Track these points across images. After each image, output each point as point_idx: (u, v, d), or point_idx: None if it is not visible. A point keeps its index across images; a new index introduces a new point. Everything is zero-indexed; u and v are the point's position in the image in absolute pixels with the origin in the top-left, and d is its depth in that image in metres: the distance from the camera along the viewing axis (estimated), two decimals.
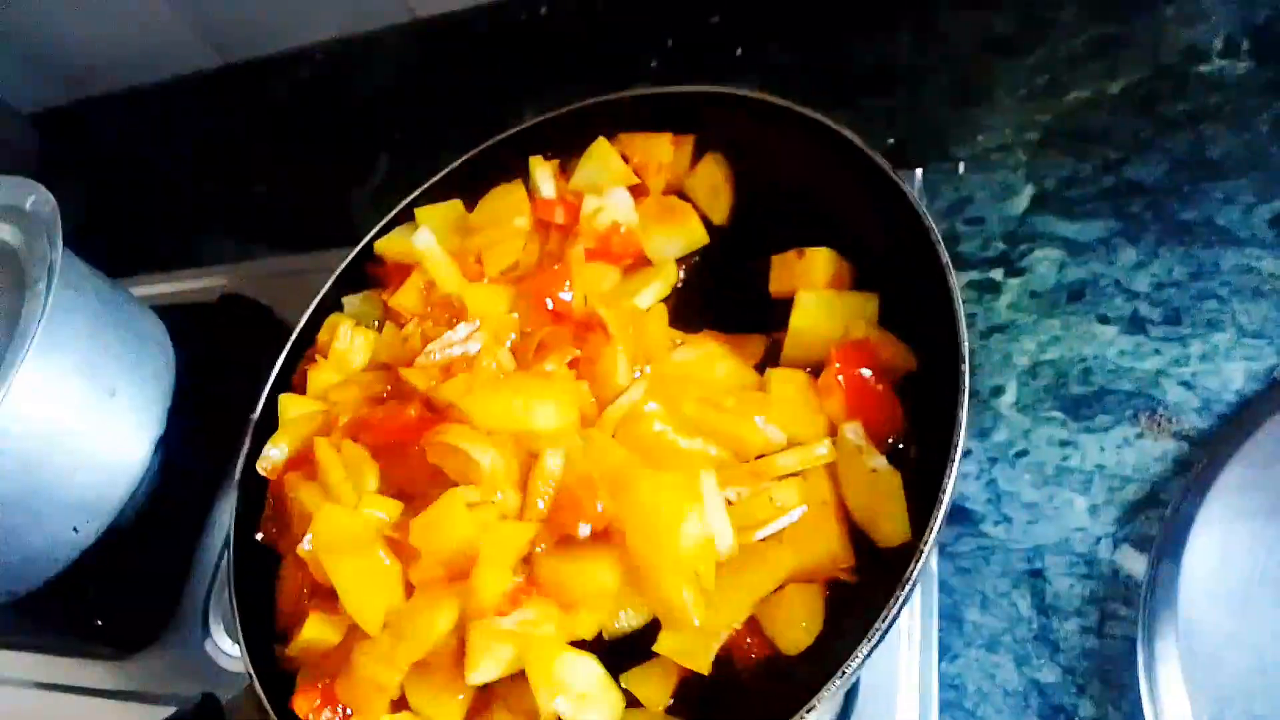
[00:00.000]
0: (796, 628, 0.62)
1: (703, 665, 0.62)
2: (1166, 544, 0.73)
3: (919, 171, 0.89)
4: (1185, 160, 0.88)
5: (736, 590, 0.63)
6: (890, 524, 0.62)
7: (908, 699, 0.71)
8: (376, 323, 0.88)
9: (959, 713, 0.75)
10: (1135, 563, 0.75)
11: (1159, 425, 0.80)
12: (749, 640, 0.63)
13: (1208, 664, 0.67)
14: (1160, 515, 0.76)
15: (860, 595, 0.63)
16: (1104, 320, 0.85)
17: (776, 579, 0.63)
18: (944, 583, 0.80)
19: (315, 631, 0.71)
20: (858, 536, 0.66)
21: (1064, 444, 0.82)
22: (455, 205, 0.87)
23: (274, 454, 0.82)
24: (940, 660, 0.77)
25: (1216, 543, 0.71)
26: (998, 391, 0.86)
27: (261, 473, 0.82)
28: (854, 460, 0.65)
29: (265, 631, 0.78)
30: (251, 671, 0.74)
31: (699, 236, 0.82)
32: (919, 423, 0.67)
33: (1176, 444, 0.79)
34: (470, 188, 0.88)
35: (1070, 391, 0.83)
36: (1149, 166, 0.89)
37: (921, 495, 0.62)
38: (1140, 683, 0.68)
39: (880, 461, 0.64)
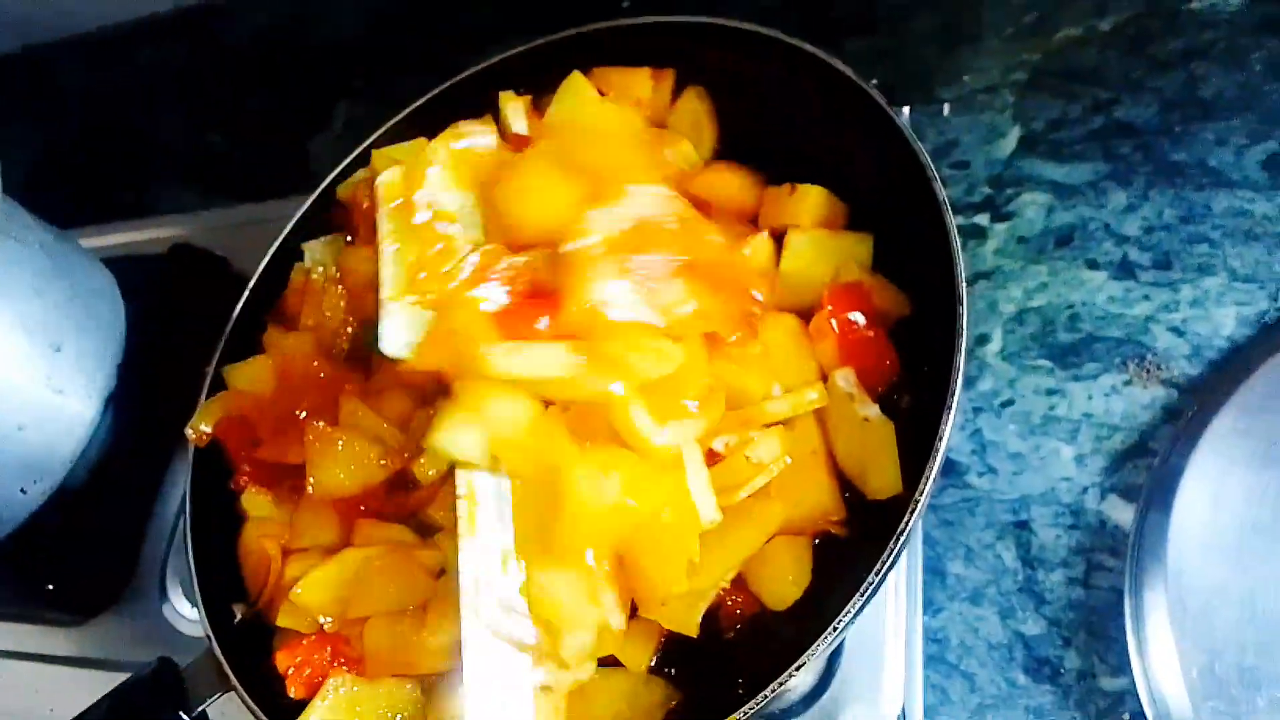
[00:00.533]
0: (784, 583, 0.60)
1: (690, 628, 0.59)
2: (1155, 493, 0.71)
3: (906, 110, 0.86)
4: (1177, 100, 0.86)
5: (724, 550, 0.60)
6: (881, 476, 0.60)
7: (893, 653, 0.69)
8: (337, 270, 0.83)
9: (942, 666, 0.74)
10: (1123, 513, 0.74)
11: (1148, 372, 0.78)
12: (734, 598, 0.61)
13: (1197, 615, 0.66)
14: (1148, 464, 0.74)
15: (847, 549, 0.61)
16: (1093, 265, 0.83)
17: (765, 535, 0.61)
18: (927, 535, 0.78)
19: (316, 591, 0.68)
20: (844, 488, 0.63)
21: (1051, 393, 0.80)
22: (419, 144, 0.83)
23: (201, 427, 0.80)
24: (924, 614, 0.76)
25: (1206, 492, 0.69)
26: (983, 340, 0.83)
27: (190, 437, 0.80)
28: (845, 408, 0.63)
29: (224, 593, 0.75)
30: (210, 634, 0.71)
31: (693, 161, 0.77)
32: (910, 371, 0.64)
33: (1166, 391, 0.77)
34: (436, 127, 0.84)
35: (1057, 339, 0.81)
36: (1139, 107, 0.87)
37: (912, 446, 0.60)
38: (1127, 635, 0.67)
39: (873, 410, 0.62)
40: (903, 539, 0.54)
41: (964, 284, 0.59)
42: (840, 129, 0.71)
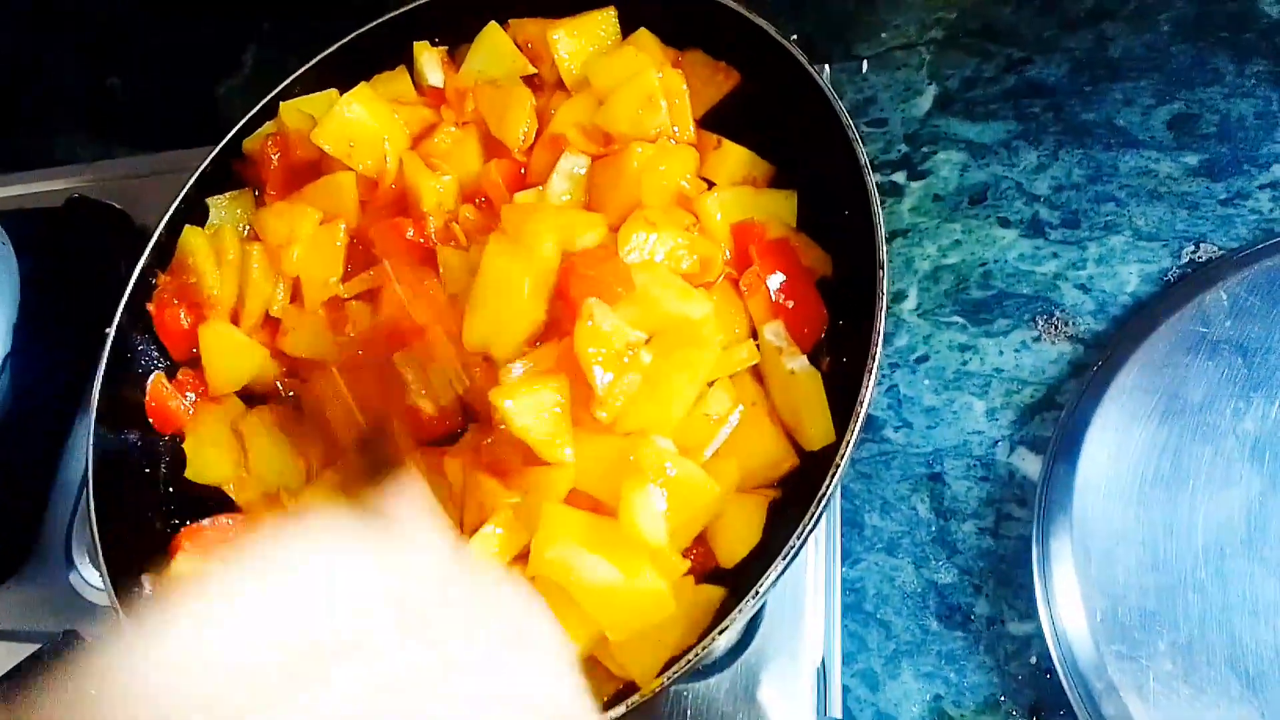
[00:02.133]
0: (738, 541, 0.61)
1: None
2: (1061, 446, 0.73)
3: (827, 68, 0.86)
4: (1087, 60, 0.87)
5: (691, 517, 0.61)
6: (814, 426, 0.61)
7: (813, 606, 0.70)
8: (245, 227, 0.80)
9: (859, 615, 0.76)
10: (1031, 465, 0.76)
11: (1056, 328, 0.80)
12: (695, 550, 0.62)
13: (1101, 562, 0.68)
14: (1056, 417, 0.76)
15: (775, 509, 0.62)
16: (1004, 224, 0.84)
17: (729, 491, 0.62)
18: (846, 488, 0.80)
19: None
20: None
21: (963, 348, 0.82)
22: (329, 96, 0.80)
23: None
24: (842, 565, 0.77)
25: (1110, 444, 0.72)
26: (899, 297, 0.85)
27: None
28: (775, 361, 0.64)
29: (132, 562, 0.72)
30: (116, 605, 0.69)
31: None
32: (830, 328, 0.65)
33: (1072, 347, 0.79)
34: (347, 77, 0.81)
35: (970, 296, 0.83)
36: (1051, 67, 0.88)
37: (833, 405, 0.61)
38: (1035, 582, 0.70)
39: (800, 362, 0.63)
40: (823, 504, 0.54)
41: (884, 250, 0.59)
42: (761, 86, 0.71)
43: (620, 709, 0.53)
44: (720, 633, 0.53)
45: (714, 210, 0.67)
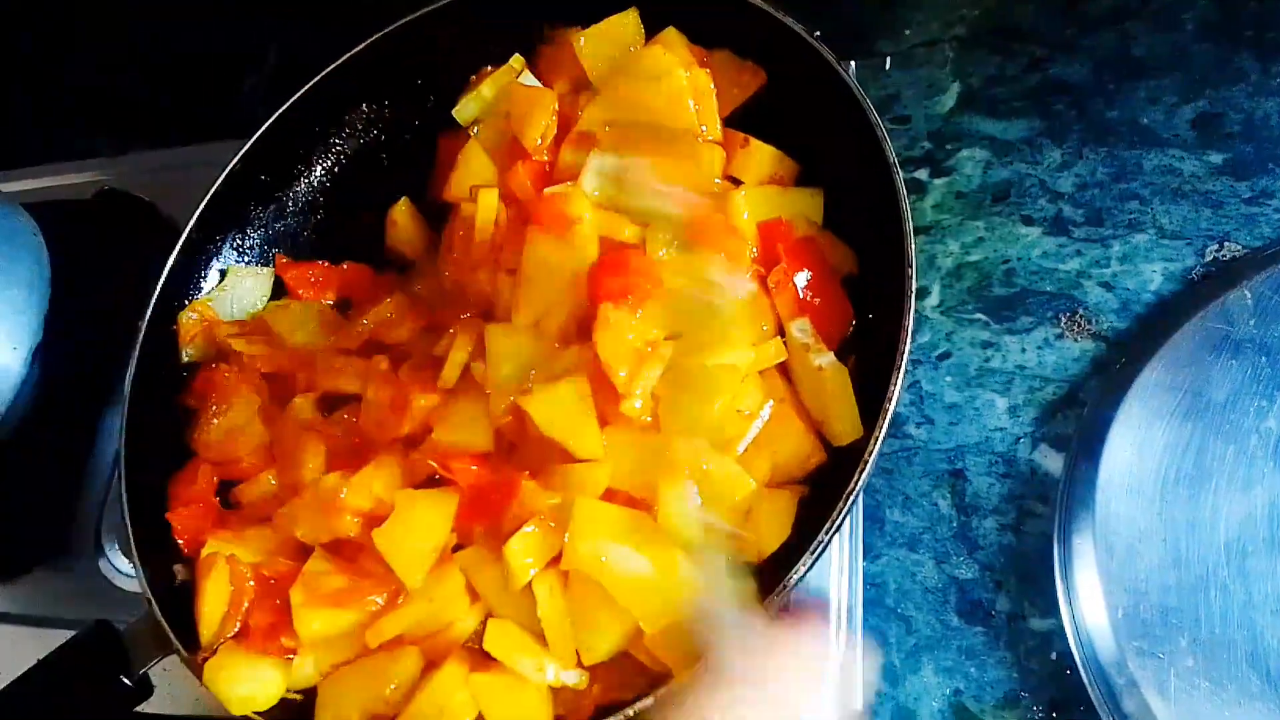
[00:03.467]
0: (768, 535, 0.62)
1: None
2: (1083, 443, 0.74)
3: (852, 65, 0.86)
4: (1110, 59, 0.87)
5: (726, 511, 0.61)
6: (841, 421, 0.62)
7: (837, 601, 0.71)
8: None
9: (881, 610, 0.76)
10: (1053, 462, 0.77)
11: (1079, 326, 0.80)
12: None
13: (1122, 559, 0.68)
14: (1078, 415, 0.77)
15: (811, 503, 0.63)
16: (1028, 221, 0.85)
17: (760, 486, 0.62)
18: (868, 484, 0.80)
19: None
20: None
21: (986, 345, 0.82)
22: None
23: None
24: (863, 559, 0.78)
25: (1132, 442, 0.72)
26: (922, 294, 0.85)
27: None
28: (802, 357, 0.64)
29: (164, 552, 0.73)
30: (151, 597, 0.69)
31: None
32: (857, 327, 0.66)
33: (1095, 344, 0.79)
34: (378, 73, 0.81)
35: (993, 293, 0.83)
36: (1074, 65, 0.88)
37: (859, 405, 0.61)
38: (1056, 578, 0.70)
39: (827, 359, 0.63)
40: (851, 499, 0.55)
41: (913, 249, 0.60)
42: (788, 84, 0.71)
43: (649, 700, 0.54)
44: None
45: (741, 209, 0.67)
